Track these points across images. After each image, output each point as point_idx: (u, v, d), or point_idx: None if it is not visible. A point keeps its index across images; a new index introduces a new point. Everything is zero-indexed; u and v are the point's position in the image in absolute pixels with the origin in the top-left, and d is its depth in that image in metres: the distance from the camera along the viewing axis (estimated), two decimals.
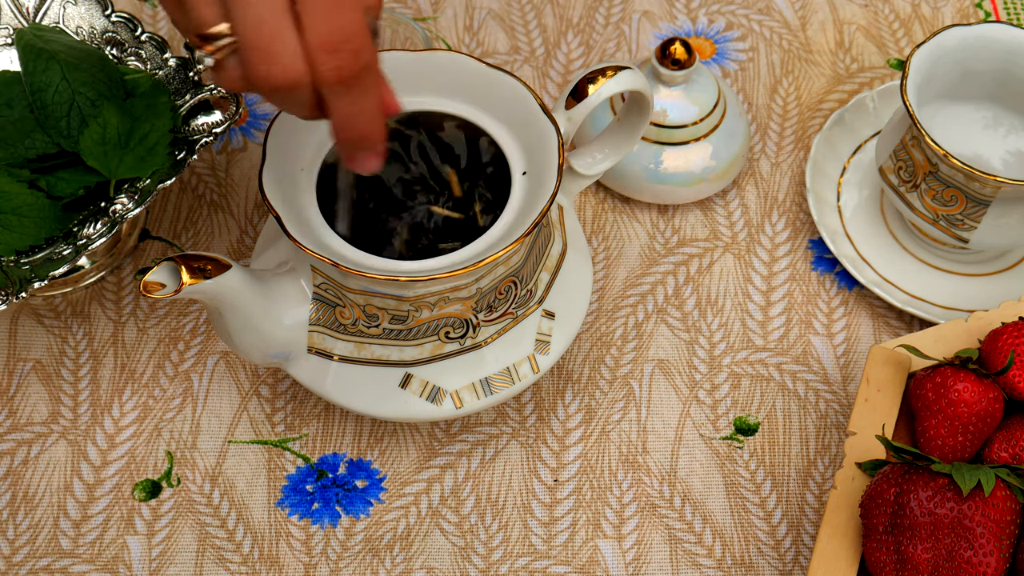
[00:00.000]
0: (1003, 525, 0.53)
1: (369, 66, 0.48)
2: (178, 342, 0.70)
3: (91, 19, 0.70)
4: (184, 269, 0.52)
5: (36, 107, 0.65)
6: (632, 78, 0.60)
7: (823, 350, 0.71)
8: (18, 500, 0.65)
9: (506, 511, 0.65)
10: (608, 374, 0.70)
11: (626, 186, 0.74)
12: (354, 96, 0.49)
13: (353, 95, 0.49)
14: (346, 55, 0.47)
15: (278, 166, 0.58)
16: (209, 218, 0.75)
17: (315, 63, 0.47)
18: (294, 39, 0.47)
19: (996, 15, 0.85)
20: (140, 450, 0.67)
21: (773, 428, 0.68)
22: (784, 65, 0.82)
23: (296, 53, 0.47)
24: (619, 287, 0.73)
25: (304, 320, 0.59)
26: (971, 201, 0.67)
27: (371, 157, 0.52)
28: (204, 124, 0.66)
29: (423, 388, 0.60)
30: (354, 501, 0.66)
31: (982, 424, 0.59)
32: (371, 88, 0.49)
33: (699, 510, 0.65)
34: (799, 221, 0.76)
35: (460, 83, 0.61)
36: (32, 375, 0.69)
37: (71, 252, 0.62)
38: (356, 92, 0.49)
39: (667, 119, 0.73)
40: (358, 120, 0.50)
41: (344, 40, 0.47)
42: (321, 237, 0.57)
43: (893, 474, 0.55)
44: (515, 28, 0.84)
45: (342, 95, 0.48)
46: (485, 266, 0.55)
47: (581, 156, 0.65)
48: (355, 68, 0.48)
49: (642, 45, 0.83)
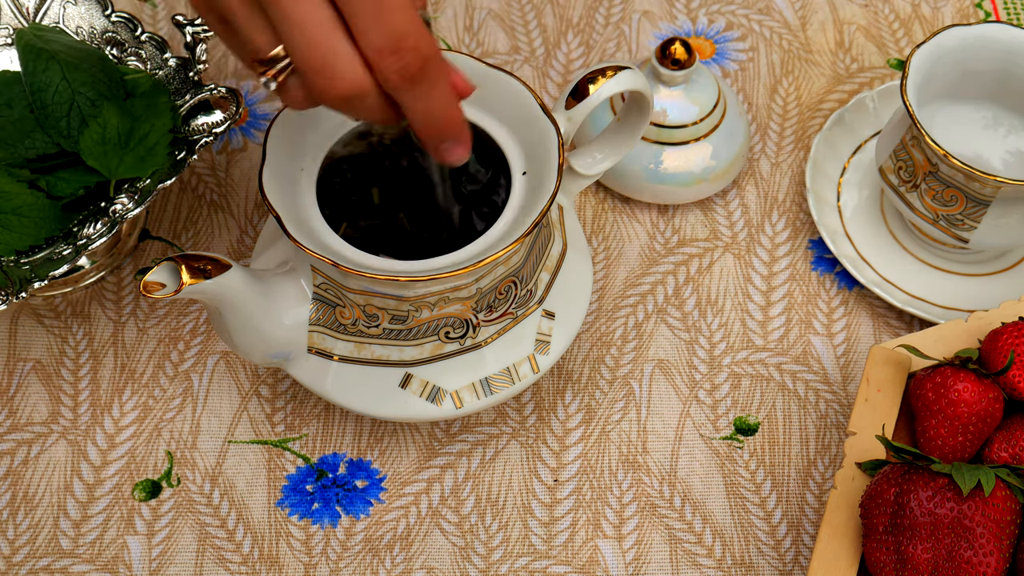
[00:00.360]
0: (1003, 525, 0.53)
1: (432, 57, 0.47)
2: (178, 342, 0.70)
3: (91, 19, 0.70)
4: (184, 269, 0.52)
5: (36, 107, 0.65)
6: (632, 78, 0.60)
7: (823, 350, 0.71)
8: (18, 500, 0.65)
9: (506, 511, 0.65)
10: (608, 374, 0.70)
11: (626, 186, 0.74)
12: (424, 90, 0.48)
13: (423, 89, 0.48)
14: (407, 53, 0.46)
15: (278, 166, 0.58)
16: (209, 218, 0.75)
17: (377, 68, 0.47)
18: (349, 50, 0.46)
19: (996, 15, 0.85)
20: (140, 450, 0.67)
21: (773, 428, 0.68)
22: (784, 65, 0.82)
23: (354, 63, 0.46)
24: (619, 287, 0.73)
25: (304, 320, 0.59)
26: (971, 201, 0.67)
27: (457, 147, 0.51)
28: (204, 124, 0.66)
29: (423, 388, 0.60)
30: (354, 501, 0.66)
31: (982, 424, 0.59)
32: (439, 78, 0.48)
33: (699, 510, 0.65)
34: (799, 221, 0.76)
35: None
36: (32, 375, 0.69)
37: (71, 252, 0.62)
38: (425, 86, 0.48)
39: (667, 119, 0.73)
40: (434, 113, 0.49)
41: (400, 39, 0.46)
42: (321, 237, 0.57)
43: (893, 474, 0.55)
44: (515, 28, 0.84)
45: (412, 93, 0.48)
46: (485, 266, 0.55)
47: (581, 156, 0.65)
48: (419, 64, 0.47)
49: (642, 45, 0.83)
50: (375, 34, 0.46)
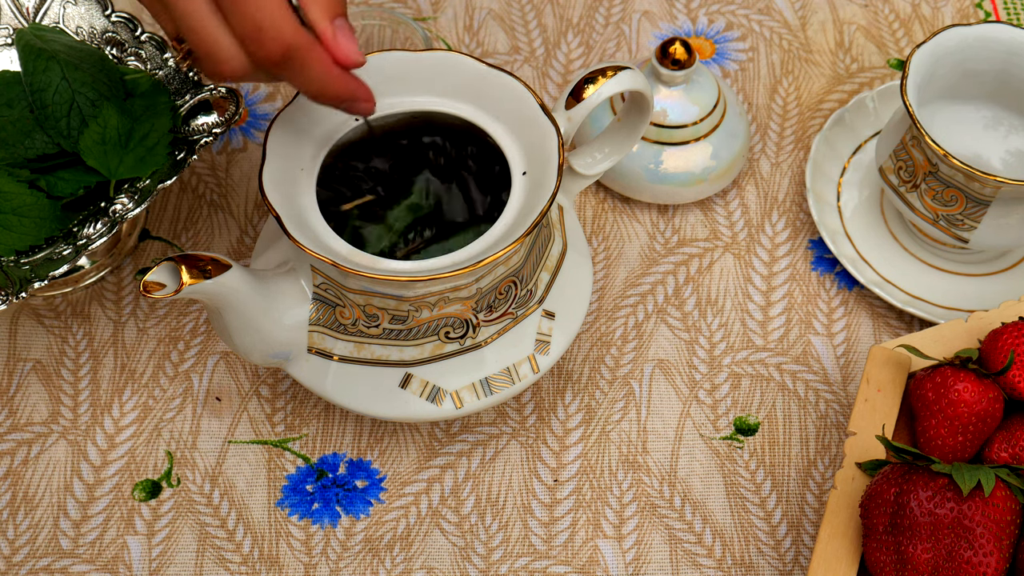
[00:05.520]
0: (1003, 525, 0.53)
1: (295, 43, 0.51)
2: (178, 342, 0.70)
3: (91, 19, 0.70)
4: (184, 269, 0.52)
5: (36, 107, 0.65)
6: (632, 78, 0.60)
7: (823, 350, 0.71)
8: (18, 500, 0.65)
9: (506, 511, 0.65)
10: (608, 374, 0.70)
11: (626, 186, 0.74)
12: (295, 70, 0.52)
13: (294, 70, 0.52)
14: (267, 43, 0.50)
15: (278, 166, 0.58)
16: (209, 218, 0.75)
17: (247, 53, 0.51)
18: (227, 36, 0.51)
19: (996, 15, 0.85)
20: (140, 450, 0.67)
21: (773, 428, 0.68)
22: (784, 65, 0.82)
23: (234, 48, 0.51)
24: (619, 287, 0.73)
25: (304, 320, 0.59)
26: (971, 201, 0.67)
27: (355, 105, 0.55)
28: (204, 124, 0.66)
29: (423, 388, 0.60)
30: (354, 501, 0.66)
31: (982, 424, 0.59)
32: (308, 60, 0.51)
33: (699, 510, 0.65)
34: (799, 221, 0.76)
35: (460, 83, 0.61)
36: (32, 375, 0.69)
37: (71, 252, 0.62)
38: (295, 67, 0.52)
39: (667, 119, 0.73)
40: (312, 87, 0.53)
41: (259, 29, 0.50)
42: (321, 237, 0.57)
43: (893, 474, 0.55)
44: (515, 28, 0.84)
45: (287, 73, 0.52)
46: (485, 266, 0.55)
47: (581, 156, 0.65)
48: (280, 51, 0.51)
49: (642, 45, 0.83)
50: (236, 23, 0.50)
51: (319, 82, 0.53)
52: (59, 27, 0.69)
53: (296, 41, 0.51)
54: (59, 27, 0.69)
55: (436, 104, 0.61)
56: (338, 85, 0.53)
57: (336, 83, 0.53)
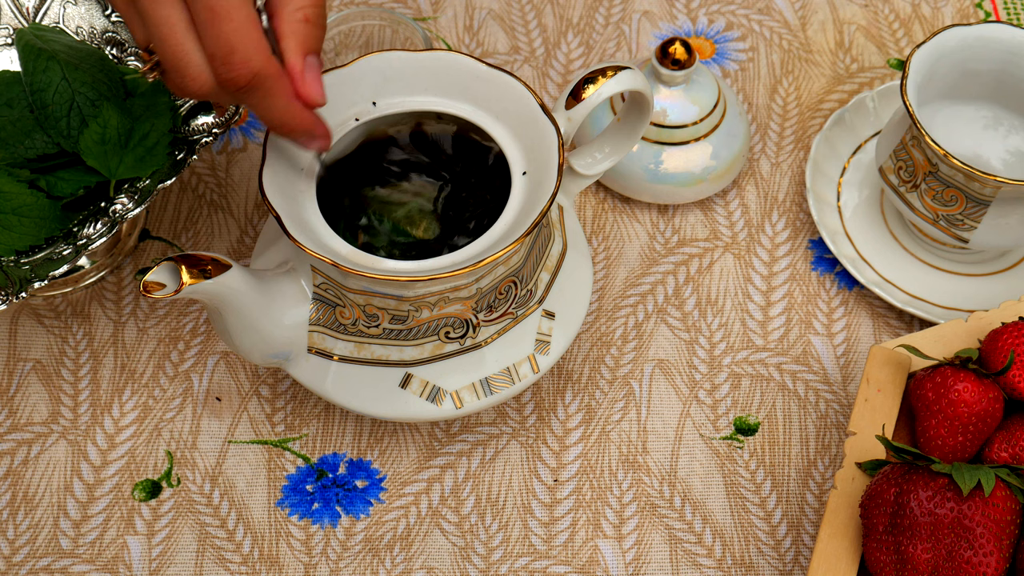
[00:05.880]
0: (1003, 525, 0.53)
1: (263, 72, 0.50)
2: (178, 342, 0.70)
3: (91, 19, 0.70)
4: (184, 269, 0.52)
5: (36, 107, 0.65)
6: (632, 78, 0.60)
7: (823, 350, 0.71)
8: (18, 500, 0.65)
9: (506, 511, 0.65)
10: (608, 374, 0.70)
11: (626, 186, 0.74)
12: (258, 99, 0.51)
13: (257, 98, 0.51)
14: (235, 67, 0.49)
15: (278, 166, 0.58)
16: (209, 218, 0.75)
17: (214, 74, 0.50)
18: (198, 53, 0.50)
19: (996, 15, 0.85)
20: (140, 450, 0.67)
21: (773, 428, 0.68)
22: (784, 65, 0.82)
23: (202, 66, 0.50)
24: (619, 287, 0.73)
25: (304, 320, 0.59)
26: (971, 201, 0.67)
27: (311, 142, 0.55)
28: (204, 124, 0.66)
29: (423, 388, 0.60)
30: (354, 501, 0.66)
31: (982, 424, 0.59)
32: (272, 90, 0.51)
33: (699, 510, 0.65)
34: (799, 221, 0.76)
35: (460, 83, 0.61)
36: (32, 375, 0.69)
37: (71, 252, 0.62)
38: (259, 96, 0.51)
39: (667, 119, 0.73)
40: (273, 118, 0.52)
41: (229, 52, 0.49)
42: (321, 237, 0.57)
43: (893, 474, 0.55)
44: (515, 28, 0.84)
45: (248, 100, 0.51)
46: (485, 266, 0.55)
47: (581, 156, 0.65)
48: (246, 77, 0.50)
49: (642, 45, 0.83)
50: (209, 42, 0.49)
51: (279, 114, 0.52)
52: (59, 27, 0.69)
53: (264, 70, 0.50)
54: (59, 27, 0.69)
55: (436, 104, 0.61)
56: (297, 120, 0.53)
57: (296, 118, 0.53)
